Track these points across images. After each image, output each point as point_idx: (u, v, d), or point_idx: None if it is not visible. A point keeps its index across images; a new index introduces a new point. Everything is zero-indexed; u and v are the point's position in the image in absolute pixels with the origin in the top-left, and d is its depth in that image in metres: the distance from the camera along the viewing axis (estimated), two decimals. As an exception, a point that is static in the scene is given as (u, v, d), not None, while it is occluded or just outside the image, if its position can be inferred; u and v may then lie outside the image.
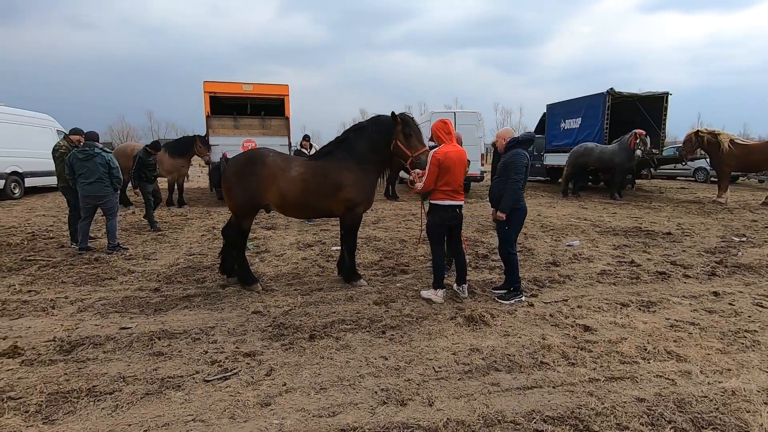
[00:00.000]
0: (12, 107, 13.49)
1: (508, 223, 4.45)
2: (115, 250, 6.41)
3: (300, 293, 4.72)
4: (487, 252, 6.57)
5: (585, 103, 15.02)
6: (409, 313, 4.09)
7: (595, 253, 6.42)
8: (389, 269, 5.67)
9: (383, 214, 10.30)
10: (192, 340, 3.54)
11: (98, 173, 6.21)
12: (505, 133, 4.73)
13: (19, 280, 5.15)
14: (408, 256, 6.38)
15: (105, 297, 4.62)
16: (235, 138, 11.28)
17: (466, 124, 13.15)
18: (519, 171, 4.32)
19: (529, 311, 4.15)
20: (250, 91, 11.38)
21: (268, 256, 6.38)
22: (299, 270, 5.64)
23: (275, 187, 4.68)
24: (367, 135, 4.79)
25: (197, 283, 5.12)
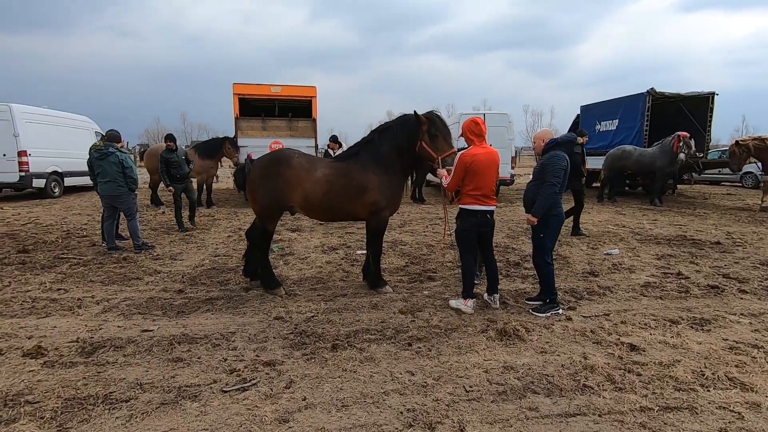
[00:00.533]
0: (54, 110, 14.07)
1: (543, 230, 4.16)
2: (142, 249, 6.45)
3: (323, 299, 4.57)
4: (519, 259, 6.25)
5: (623, 104, 14.35)
6: (437, 324, 3.87)
7: (636, 263, 5.99)
8: (415, 275, 5.45)
9: (410, 217, 10.08)
10: (212, 346, 3.43)
11: (112, 173, 6.26)
12: (543, 134, 4.42)
13: (51, 278, 5.23)
14: (435, 261, 6.14)
15: (130, 297, 4.61)
16: (263, 140, 11.32)
17: (496, 126, 12.75)
18: (556, 174, 4.02)
19: (567, 326, 3.84)
20: (278, 93, 11.42)
21: (292, 259, 6.27)
22: (323, 274, 5.50)
23: (300, 188, 4.56)
24: (392, 136, 4.61)
25: (221, 286, 5.05)
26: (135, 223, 6.53)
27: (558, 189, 4.04)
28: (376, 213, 4.62)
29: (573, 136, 4.42)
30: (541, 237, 4.19)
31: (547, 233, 4.18)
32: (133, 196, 6.60)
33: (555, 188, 4.01)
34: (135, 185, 6.53)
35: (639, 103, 13.47)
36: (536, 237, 4.25)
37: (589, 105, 16.38)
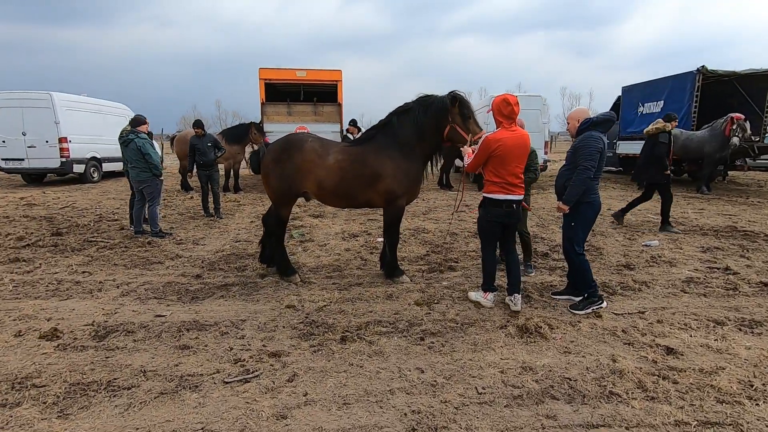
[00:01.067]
0: (93, 97, 14.57)
1: (574, 218, 3.84)
2: (158, 236, 6.50)
3: (338, 288, 4.44)
4: (547, 250, 5.90)
5: (669, 84, 13.32)
6: (454, 318, 3.66)
7: (678, 256, 5.52)
8: (436, 265, 5.23)
9: (435, 204, 9.81)
10: (220, 334, 3.38)
11: (135, 159, 6.34)
12: (577, 114, 4.02)
13: (78, 261, 5.37)
14: (458, 251, 5.89)
15: (149, 281, 4.65)
16: (289, 125, 11.27)
17: (529, 109, 12.13)
18: (590, 157, 3.66)
19: (596, 324, 3.54)
20: (303, 77, 11.29)
21: (311, 245, 6.19)
22: (341, 262, 5.37)
23: (312, 175, 4.41)
24: (413, 118, 4.33)
25: (237, 272, 5.03)
26: (155, 210, 6.59)
27: (591, 174, 3.68)
28: (392, 201, 4.41)
29: (611, 114, 3.96)
30: (572, 226, 3.88)
31: (579, 222, 3.86)
32: (158, 181, 6.62)
33: (588, 173, 3.66)
34: (158, 171, 6.53)
35: (687, 82, 12.44)
36: (567, 226, 3.95)
37: (631, 86, 15.33)
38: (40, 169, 12.62)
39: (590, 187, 3.73)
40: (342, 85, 11.56)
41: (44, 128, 12.18)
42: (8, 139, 12.20)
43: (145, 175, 6.42)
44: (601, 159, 3.73)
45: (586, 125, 3.80)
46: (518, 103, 3.69)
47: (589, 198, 3.77)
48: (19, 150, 12.20)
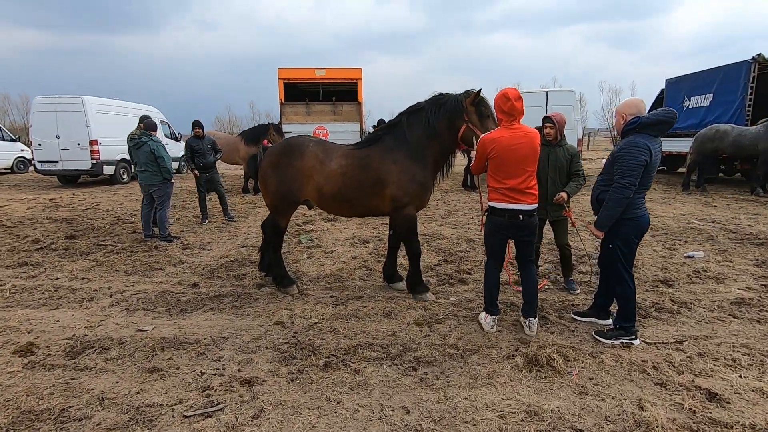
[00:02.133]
0: (123, 101, 14.97)
1: (612, 239, 3.20)
2: (166, 240, 6.40)
3: (334, 302, 4.11)
4: (574, 260, 5.32)
5: (719, 75, 12.17)
6: (455, 343, 3.24)
7: (727, 271, 4.83)
8: (446, 277, 4.81)
9: (456, 207, 9.32)
10: (197, 354, 3.12)
11: (147, 162, 6.25)
12: (626, 107, 3.12)
13: (81, 266, 5.32)
14: (473, 260, 5.43)
15: (144, 290, 4.50)
16: (307, 125, 11.10)
17: (560, 105, 11.41)
18: (629, 172, 2.94)
19: (621, 356, 3.02)
20: (322, 77, 11.07)
21: (317, 251, 5.90)
22: (344, 272, 5.04)
23: (313, 181, 4.10)
24: (425, 118, 3.96)
25: (235, 280, 4.80)
26: (165, 214, 6.52)
27: (630, 192, 2.98)
28: (398, 210, 4.01)
29: (668, 114, 2.95)
30: (611, 248, 3.20)
31: (619, 243, 3.16)
32: (169, 185, 6.54)
33: (625, 192, 2.96)
34: (169, 175, 6.46)
35: (741, 73, 11.30)
36: (605, 247, 3.30)
37: (675, 78, 14.17)
38: (73, 170, 13.05)
39: (633, 203, 3.06)
40: (362, 83, 11.24)
41: (76, 131, 12.57)
42: (43, 142, 12.69)
43: (157, 179, 6.34)
44: (647, 172, 2.98)
45: (632, 126, 3.00)
46: (520, 98, 3.18)
47: (630, 214, 3.08)
48: (53, 152, 12.67)
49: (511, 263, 4.65)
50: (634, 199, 3.05)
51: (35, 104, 12.76)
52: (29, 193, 11.81)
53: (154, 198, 6.49)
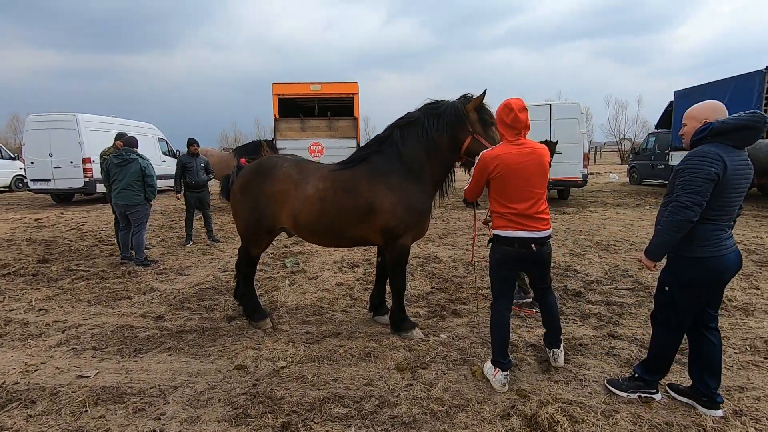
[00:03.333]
0: (120, 118, 14.83)
1: (667, 280, 2.52)
2: (143, 264, 6.00)
3: (309, 339, 3.63)
4: (581, 287, 4.82)
5: (731, 85, 11.69)
6: (440, 396, 2.73)
7: (756, 300, 4.29)
8: (438, 308, 4.31)
9: (455, 225, 8.84)
10: (134, 411, 2.65)
11: (130, 180, 5.88)
12: (700, 112, 2.43)
13: (44, 295, 4.90)
14: (470, 287, 4.94)
15: (102, 324, 4.06)
16: (302, 141, 10.77)
17: (564, 119, 10.99)
18: (691, 188, 2.25)
19: (641, 416, 2.50)
20: (318, 92, 10.77)
21: (301, 277, 5.44)
22: (325, 301, 4.57)
23: (287, 207, 3.60)
24: (422, 131, 3.41)
25: (205, 312, 4.34)
26: (142, 237, 6.13)
27: (694, 214, 2.26)
28: (392, 241, 3.46)
29: (754, 117, 2.24)
30: (666, 291, 2.51)
31: (675, 288, 2.47)
32: (148, 206, 6.18)
33: (685, 213, 2.26)
34: (153, 195, 6.12)
35: (754, 83, 10.82)
36: (660, 289, 2.58)
37: (685, 90, 13.71)
38: (65, 189, 12.80)
39: (701, 233, 2.33)
40: (359, 98, 10.93)
41: (69, 149, 12.36)
42: (36, 161, 12.49)
43: (138, 199, 5.95)
44: (723, 192, 2.26)
45: (701, 134, 2.35)
46: (525, 110, 2.74)
47: (696, 250, 2.35)
48: (45, 171, 12.45)
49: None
50: (706, 229, 2.32)
51: (28, 122, 12.61)
52: (19, 213, 11.53)
53: (129, 220, 6.09)
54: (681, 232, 2.32)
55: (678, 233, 2.32)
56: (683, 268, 2.43)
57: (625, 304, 4.30)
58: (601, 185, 17.54)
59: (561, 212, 10.23)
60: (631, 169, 17.83)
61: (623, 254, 6.25)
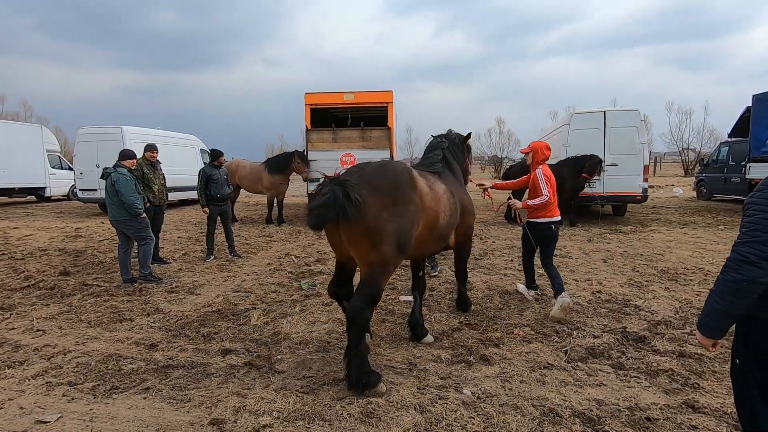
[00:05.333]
0: (165, 130, 15.27)
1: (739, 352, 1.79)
2: (146, 280, 5.68)
3: (303, 387, 3.06)
4: (644, 329, 3.93)
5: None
6: (452, 492, 2.05)
7: None
8: (463, 351, 3.61)
9: (494, 245, 8.01)
10: (76, 479, 2.18)
11: (110, 195, 5.56)
12: None
13: (50, 312, 4.71)
14: (505, 324, 4.18)
15: (90, 352, 3.72)
16: (334, 152, 10.39)
17: (621, 127, 9.88)
18: (760, 235, 1.57)
19: None
20: (351, 101, 10.38)
21: (314, 302, 4.92)
22: (335, 335, 4.00)
23: (424, 216, 3.23)
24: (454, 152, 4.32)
25: (201, 342, 3.91)
26: (148, 249, 5.81)
27: (756, 270, 1.56)
28: (469, 239, 4.26)
29: None
30: (737, 365, 1.80)
31: (748, 359, 1.74)
32: (139, 220, 5.66)
33: (751, 272, 1.56)
34: (132, 210, 5.54)
35: None
36: (732, 364, 1.85)
37: (765, 94, 12.05)
38: (110, 198, 13.21)
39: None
40: (393, 107, 10.42)
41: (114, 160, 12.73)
42: (85, 171, 13.00)
43: (122, 213, 5.57)
44: None
45: None
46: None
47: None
48: (92, 181, 12.91)
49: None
50: None
51: (79, 134, 13.19)
52: (65, 221, 11.98)
53: (129, 237, 5.77)
54: (744, 296, 1.60)
55: (739, 298, 1.60)
56: (760, 333, 1.67)
57: (705, 358, 3.39)
58: (663, 200, 15.87)
59: (617, 231, 9.10)
60: (699, 183, 16.02)
61: (697, 287, 5.22)
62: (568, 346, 3.66)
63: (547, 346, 3.69)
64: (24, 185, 16.28)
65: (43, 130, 17.30)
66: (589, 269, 6.13)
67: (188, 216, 13.15)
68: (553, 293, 4.40)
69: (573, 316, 4.38)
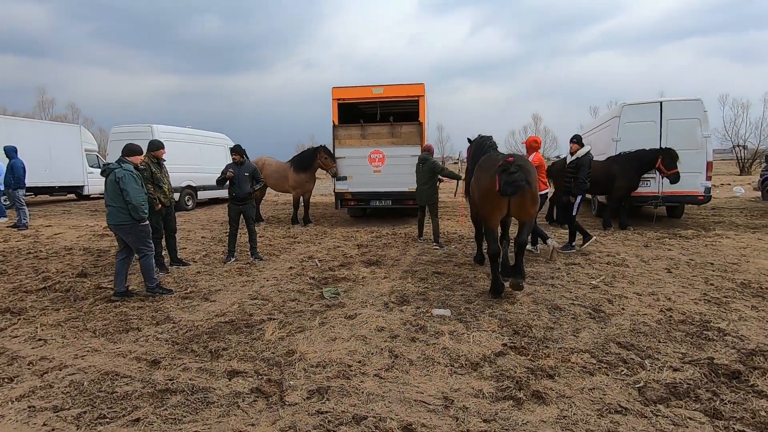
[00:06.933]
0: (195, 129, 15.27)
1: None
2: (153, 293, 5.04)
3: (315, 427, 2.54)
4: (736, 361, 3.16)
5: None
6: None
7: None
8: (511, 383, 2.98)
9: (537, 251, 7.24)
10: None
11: (112, 195, 4.81)
12: None
13: (57, 318, 4.42)
14: (559, 350, 3.52)
15: (87, 368, 3.35)
16: (362, 149, 9.89)
17: (681, 119, 8.85)
18: None
19: None
20: (380, 95, 9.83)
21: (335, 314, 4.40)
22: (357, 357, 3.45)
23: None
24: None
25: (208, 360, 3.46)
26: (149, 262, 5.07)
27: None
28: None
29: None
30: None
31: None
32: (140, 227, 4.94)
33: None
34: (137, 213, 4.81)
35: None
36: None
37: None
38: (140, 197, 13.27)
39: None
40: (425, 101, 9.80)
41: (145, 159, 12.76)
42: (117, 170, 13.10)
43: (123, 216, 4.82)
44: None
45: None
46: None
47: None
48: (124, 179, 12.99)
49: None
50: None
51: (112, 133, 13.32)
52: (97, 219, 12.06)
53: (127, 244, 5.04)
54: None
55: None
56: None
57: (832, 407, 2.61)
58: (722, 201, 14.44)
59: (675, 235, 8.12)
60: (765, 182, 14.47)
61: (792, 306, 4.33)
62: (642, 380, 2.97)
63: (615, 380, 3.01)
64: (63, 184, 16.71)
65: (81, 130, 17.74)
66: (652, 281, 5.32)
67: (216, 215, 13.02)
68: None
69: (641, 339, 3.66)
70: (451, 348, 3.54)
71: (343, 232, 9.22)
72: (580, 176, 6.64)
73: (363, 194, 10.00)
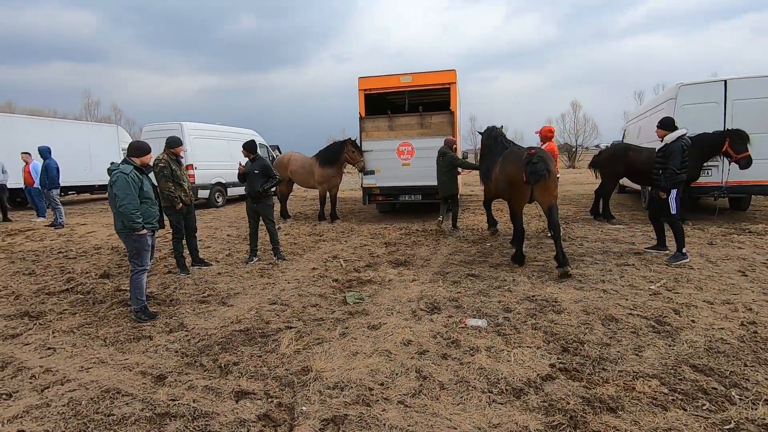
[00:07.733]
0: (224, 125, 15.27)
1: None
2: (141, 318, 4.26)
3: (328, 472, 2.12)
4: None
5: None
6: None
7: None
8: (561, 418, 2.47)
9: (583, 248, 6.55)
10: None
11: (111, 199, 4.27)
12: None
13: (71, 324, 4.26)
14: (618, 373, 2.95)
15: (88, 384, 3.10)
16: (390, 141, 9.42)
17: (751, 99, 7.81)
18: None
19: None
20: (408, 83, 9.29)
21: (358, 323, 3.99)
22: (380, 377, 3.02)
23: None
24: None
25: (217, 376, 3.14)
26: (139, 279, 4.34)
27: None
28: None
29: None
30: None
31: None
32: (134, 237, 4.30)
33: None
34: (129, 222, 4.18)
35: None
36: None
37: None
38: (170, 194, 13.39)
39: None
40: (456, 88, 9.18)
41: (176, 156, 12.84)
42: (149, 168, 13.26)
43: (118, 223, 4.30)
44: None
45: None
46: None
47: None
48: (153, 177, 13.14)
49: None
50: None
51: (144, 132, 13.48)
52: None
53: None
54: None
55: None
56: None
57: None
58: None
59: (744, 231, 7.18)
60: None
61: None
62: (732, 419, 2.38)
63: (696, 418, 2.43)
64: (103, 182, 17.21)
65: (118, 129, 18.22)
66: (725, 286, 4.58)
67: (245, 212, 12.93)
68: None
69: (721, 362, 3.03)
70: (489, 368, 3.05)
71: (370, 229, 8.81)
72: (671, 166, 5.39)
73: (391, 189, 9.55)
